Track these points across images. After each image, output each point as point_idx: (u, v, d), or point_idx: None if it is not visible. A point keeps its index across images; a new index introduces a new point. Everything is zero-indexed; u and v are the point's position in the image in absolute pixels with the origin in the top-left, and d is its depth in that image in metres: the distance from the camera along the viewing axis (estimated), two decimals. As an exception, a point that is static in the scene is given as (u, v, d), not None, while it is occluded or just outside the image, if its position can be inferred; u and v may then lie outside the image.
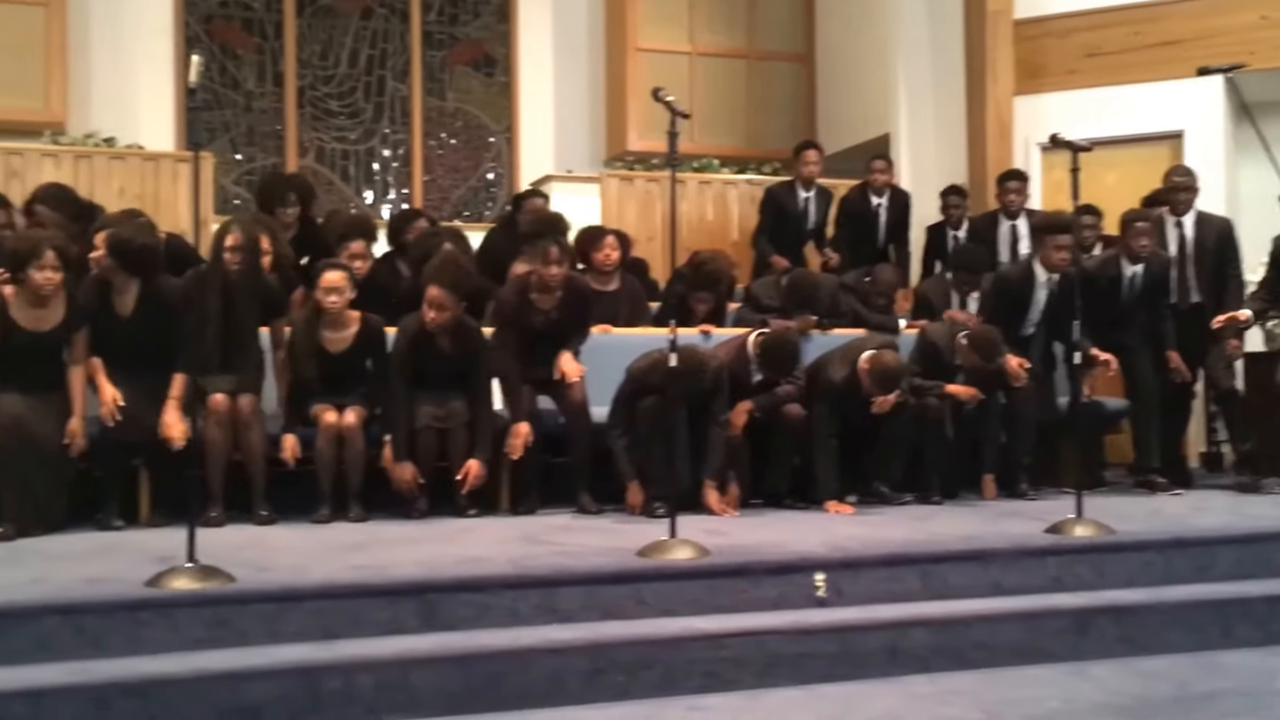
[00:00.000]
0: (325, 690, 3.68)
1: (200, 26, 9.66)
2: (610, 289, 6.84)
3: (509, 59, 10.48)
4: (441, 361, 5.73)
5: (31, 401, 5.14)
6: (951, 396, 6.31)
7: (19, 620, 3.65)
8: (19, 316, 5.20)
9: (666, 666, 3.99)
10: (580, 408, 5.84)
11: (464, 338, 5.76)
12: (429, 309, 5.65)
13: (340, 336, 5.69)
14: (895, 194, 8.57)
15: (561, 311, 5.96)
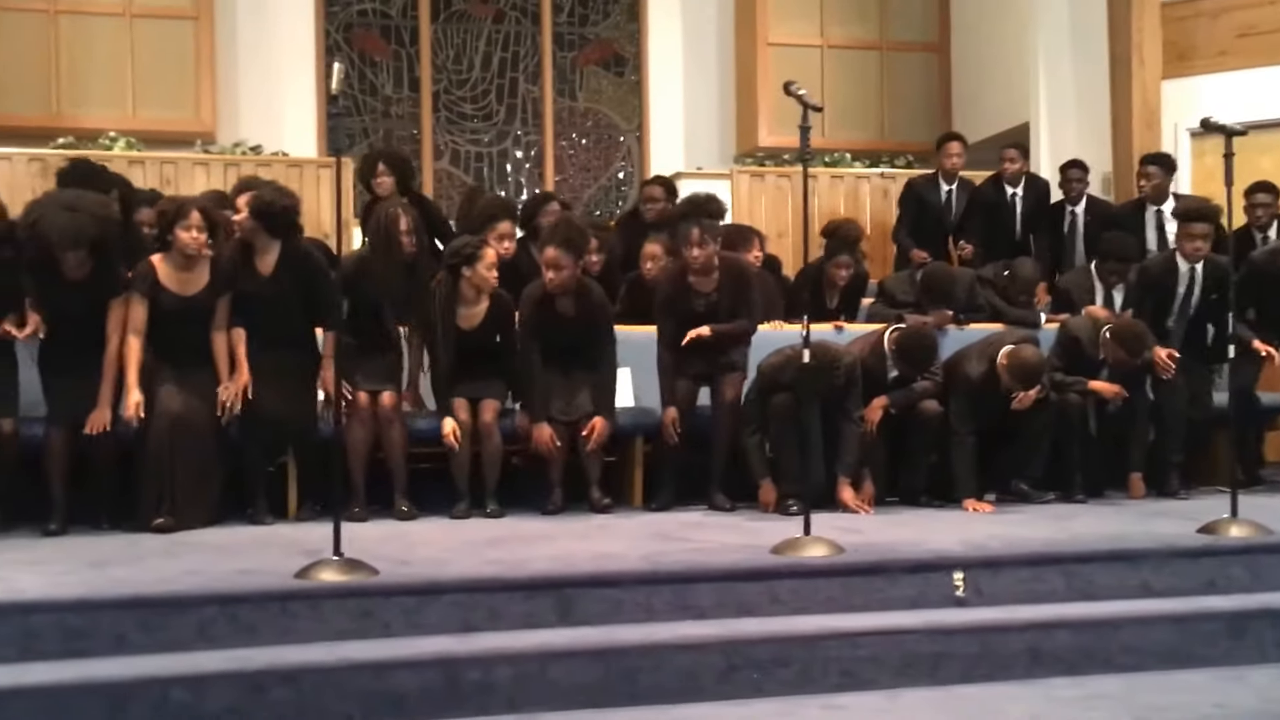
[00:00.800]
0: (465, 681, 3.76)
1: (340, 35, 9.92)
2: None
3: (639, 58, 10.54)
4: (565, 328, 5.74)
5: (185, 387, 5.28)
6: (1095, 393, 6.16)
7: (179, 609, 3.81)
8: (167, 282, 5.35)
9: (802, 664, 3.98)
10: (735, 404, 5.83)
11: (585, 299, 5.78)
12: (547, 270, 5.70)
13: (473, 313, 5.76)
14: (1031, 183, 8.38)
15: (721, 293, 5.90)
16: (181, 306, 5.36)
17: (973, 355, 5.94)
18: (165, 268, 5.38)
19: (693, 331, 5.78)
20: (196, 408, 5.31)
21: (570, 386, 5.77)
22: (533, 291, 5.80)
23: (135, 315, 5.29)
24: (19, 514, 5.31)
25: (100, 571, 4.22)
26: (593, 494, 5.73)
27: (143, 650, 3.74)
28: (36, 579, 4.09)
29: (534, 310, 5.76)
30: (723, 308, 5.88)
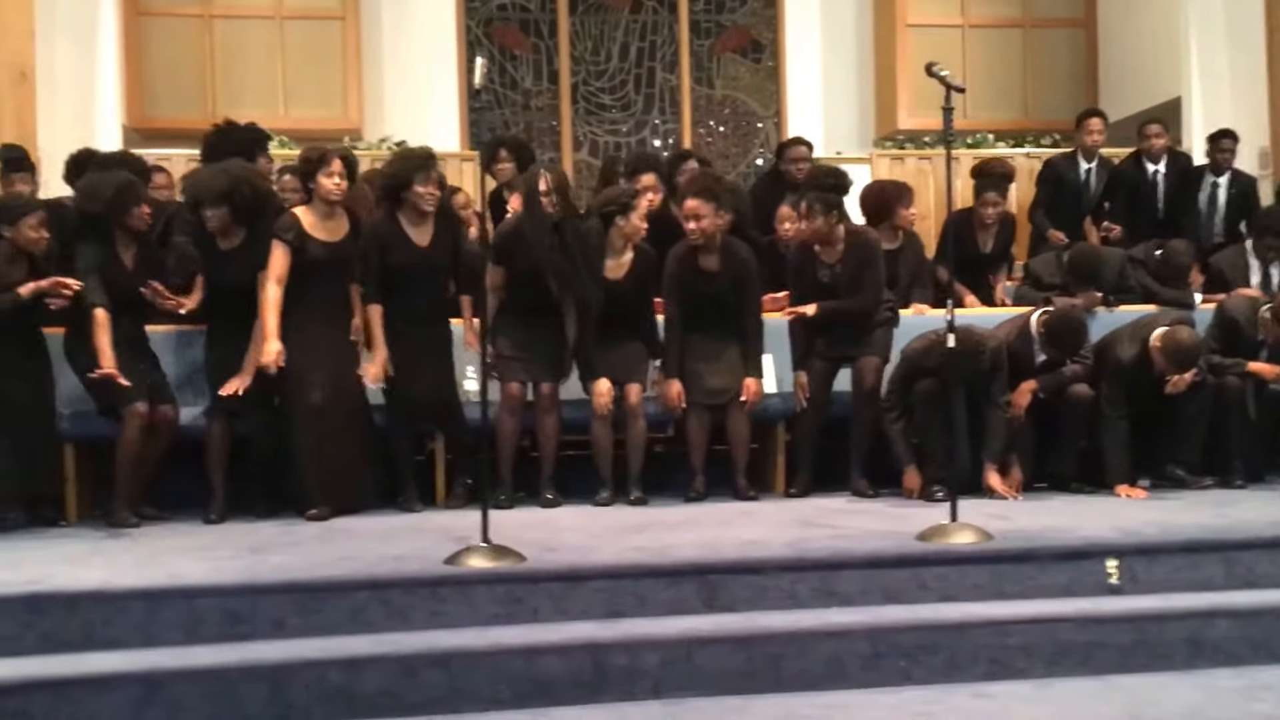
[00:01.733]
0: (612, 667, 3.79)
1: (480, 30, 10.07)
2: (894, 246, 6.59)
3: (775, 43, 10.48)
4: (710, 287, 5.70)
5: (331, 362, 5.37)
6: (1254, 375, 5.93)
7: (334, 594, 3.93)
8: (314, 231, 5.42)
9: (950, 652, 3.92)
10: (874, 388, 5.77)
11: (729, 254, 5.74)
12: (688, 221, 5.67)
13: (619, 264, 5.74)
14: (1175, 159, 8.08)
15: (845, 265, 5.84)
16: (329, 255, 5.42)
17: (1124, 338, 5.78)
18: (310, 217, 5.43)
19: (794, 309, 5.75)
20: (346, 393, 5.42)
21: (713, 366, 5.73)
22: (676, 249, 5.77)
23: (277, 263, 5.32)
24: (178, 502, 5.53)
25: (259, 557, 4.37)
26: (738, 481, 5.72)
27: (300, 634, 3.87)
28: (199, 565, 4.25)
29: (677, 266, 5.73)
30: (844, 280, 5.82)
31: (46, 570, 4.17)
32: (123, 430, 5.24)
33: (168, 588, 3.95)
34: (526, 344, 5.61)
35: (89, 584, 3.98)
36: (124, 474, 5.26)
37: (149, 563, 4.33)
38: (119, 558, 4.45)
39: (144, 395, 5.28)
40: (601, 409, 5.59)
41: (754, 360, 5.74)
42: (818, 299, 5.80)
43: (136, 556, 4.47)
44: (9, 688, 3.50)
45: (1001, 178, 7.23)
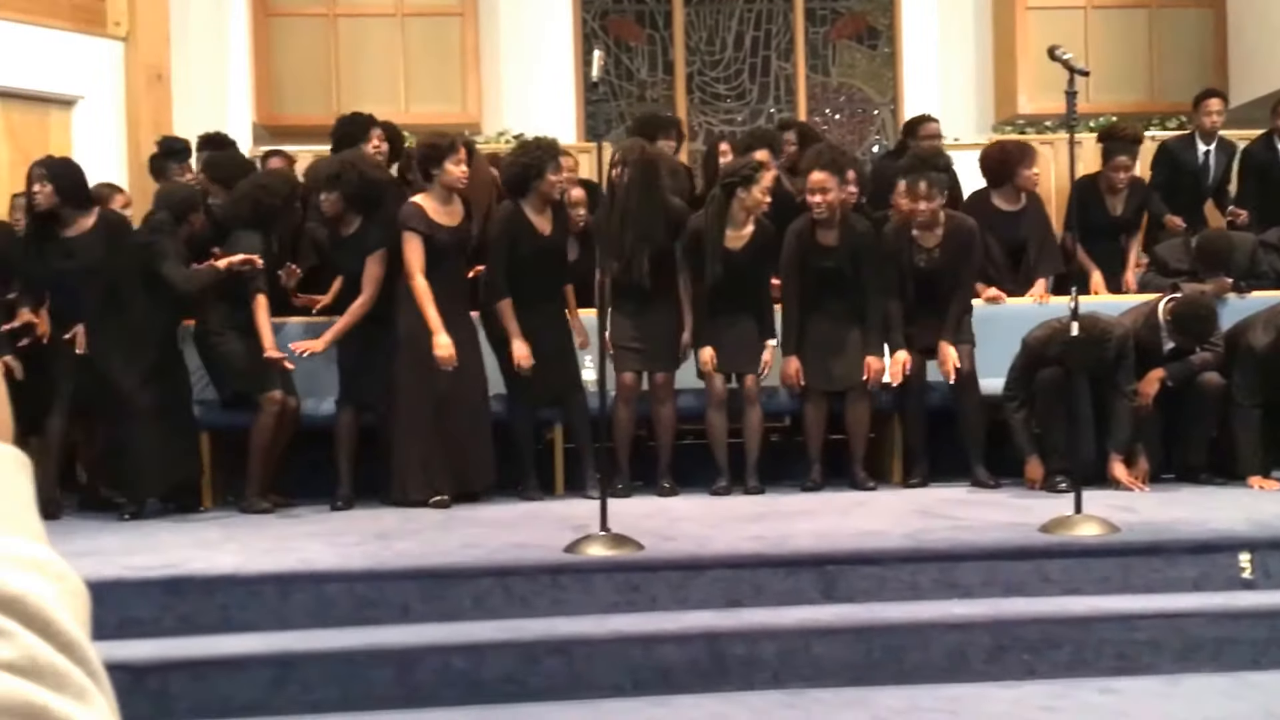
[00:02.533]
0: (730, 656, 3.81)
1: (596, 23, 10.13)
2: (1016, 208, 6.48)
3: (892, 29, 10.35)
4: (829, 262, 5.66)
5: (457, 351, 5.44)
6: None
7: (458, 581, 4.01)
8: (437, 217, 5.49)
9: (1075, 646, 3.86)
10: (968, 377, 5.70)
11: (850, 230, 5.70)
12: (814, 194, 5.61)
13: (739, 235, 5.70)
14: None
15: (945, 252, 5.77)
16: (454, 240, 5.51)
17: (1258, 324, 5.60)
18: (431, 203, 5.50)
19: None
20: (468, 380, 5.50)
21: (832, 353, 5.69)
22: (795, 224, 5.74)
23: (415, 253, 5.39)
24: (303, 489, 5.68)
25: (385, 544, 4.48)
26: (856, 471, 5.69)
27: (425, 619, 3.95)
28: (328, 550, 4.37)
29: (796, 241, 5.70)
30: (944, 266, 5.74)
31: (184, 555, 4.32)
32: (259, 416, 5.40)
33: (298, 572, 4.07)
34: (640, 333, 5.63)
35: (224, 568, 4.11)
36: (257, 460, 5.43)
37: (279, 548, 4.46)
38: (251, 543, 4.59)
39: (280, 384, 5.44)
40: (707, 365, 5.59)
41: (875, 339, 5.68)
42: (913, 284, 5.75)
43: (268, 542, 4.60)
44: (149, 667, 3.64)
45: (1131, 140, 7.04)
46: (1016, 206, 6.42)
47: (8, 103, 7.12)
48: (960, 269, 5.77)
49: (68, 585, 0.56)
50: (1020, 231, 6.45)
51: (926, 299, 5.77)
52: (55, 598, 0.55)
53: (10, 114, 7.15)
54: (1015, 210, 6.42)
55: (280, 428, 5.47)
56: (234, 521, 5.21)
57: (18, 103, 7.15)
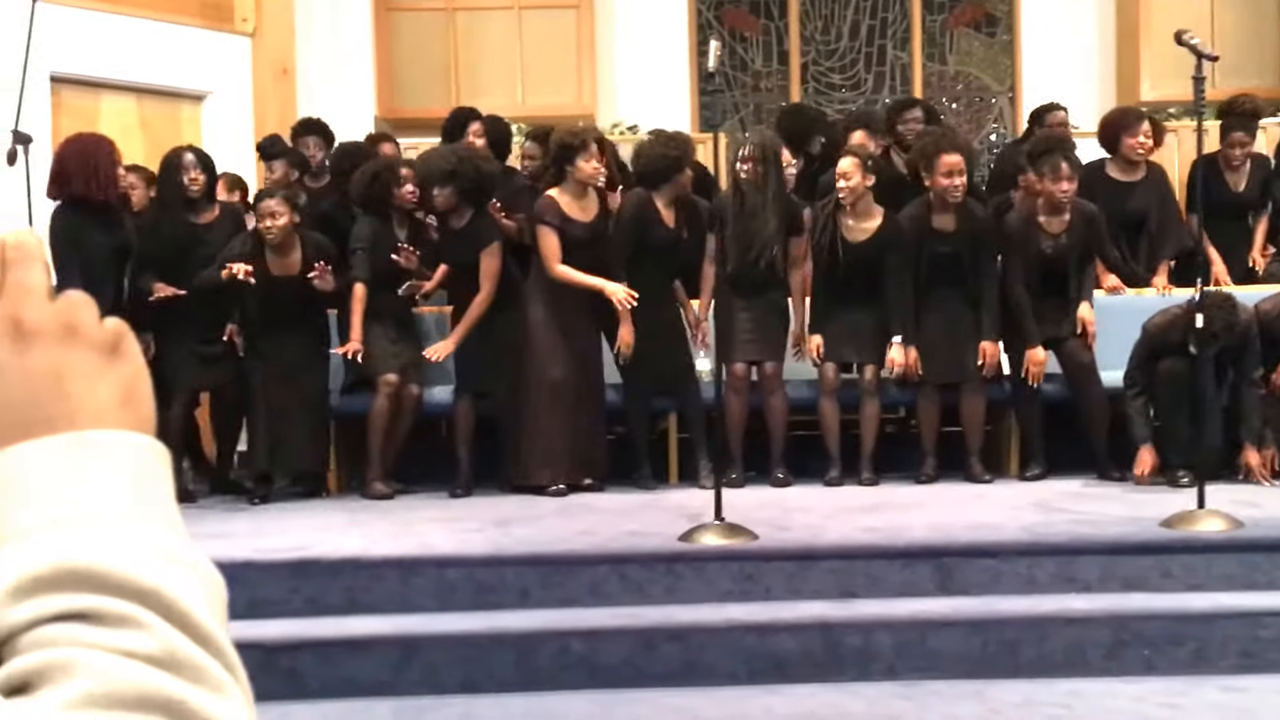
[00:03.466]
0: (845, 646, 3.83)
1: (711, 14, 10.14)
2: (1135, 178, 6.22)
3: (1011, 16, 10.18)
4: (945, 248, 5.59)
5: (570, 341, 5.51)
6: None
7: (576, 567, 4.09)
8: (571, 212, 5.54)
9: (1197, 644, 3.80)
10: (1093, 366, 5.59)
11: (968, 215, 5.62)
12: (950, 178, 5.52)
13: (863, 227, 5.66)
14: None
15: (1071, 236, 5.66)
16: (587, 235, 5.56)
17: None
18: (565, 198, 5.56)
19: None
20: (581, 369, 5.56)
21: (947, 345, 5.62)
22: (910, 210, 5.67)
23: (550, 246, 5.47)
24: (425, 474, 5.81)
25: (503, 530, 4.57)
26: (972, 465, 5.63)
27: (544, 604, 4.04)
28: (448, 536, 4.48)
29: (912, 227, 5.62)
30: (1072, 253, 5.63)
31: (310, 538, 4.47)
32: (374, 400, 5.55)
33: (420, 557, 4.19)
34: (749, 323, 5.65)
35: (349, 552, 4.25)
36: (374, 445, 5.57)
37: (402, 533, 4.58)
38: (374, 527, 4.72)
39: (395, 368, 5.57)
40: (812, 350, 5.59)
41: (992, 323, 5.61)
42: (1039, 270, 5.64)
43: (390, 527, 4.73)
44: (279, 646, 3.78)
45: (1250, 115, 6.79)
46: (1133, 177, 6.17)
47: (141, 98, 7.38)
48: (1090, 256, 5.65)
49: (205, 577, 0.57)
50: (1134, 203, 6.18)
51: (1051, 287, 5.66)
52: (193, 590, 0.55)
53: (144, 108, 7.41)
54: (1130, 181, 6.17)
55: (397, 413, 5.60)
56: (357, 506, 5.35)
57: (150, 97, 7.41)
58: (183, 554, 0.57)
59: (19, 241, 0.60)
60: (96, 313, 0.61)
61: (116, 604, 0.53)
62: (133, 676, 0.52)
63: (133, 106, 7.36)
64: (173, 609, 0.54)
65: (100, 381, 0.59)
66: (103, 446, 0.58)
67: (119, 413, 0.59)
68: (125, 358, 0.61)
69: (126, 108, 7.33)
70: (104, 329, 0.60)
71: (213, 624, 0.55)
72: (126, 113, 7.31)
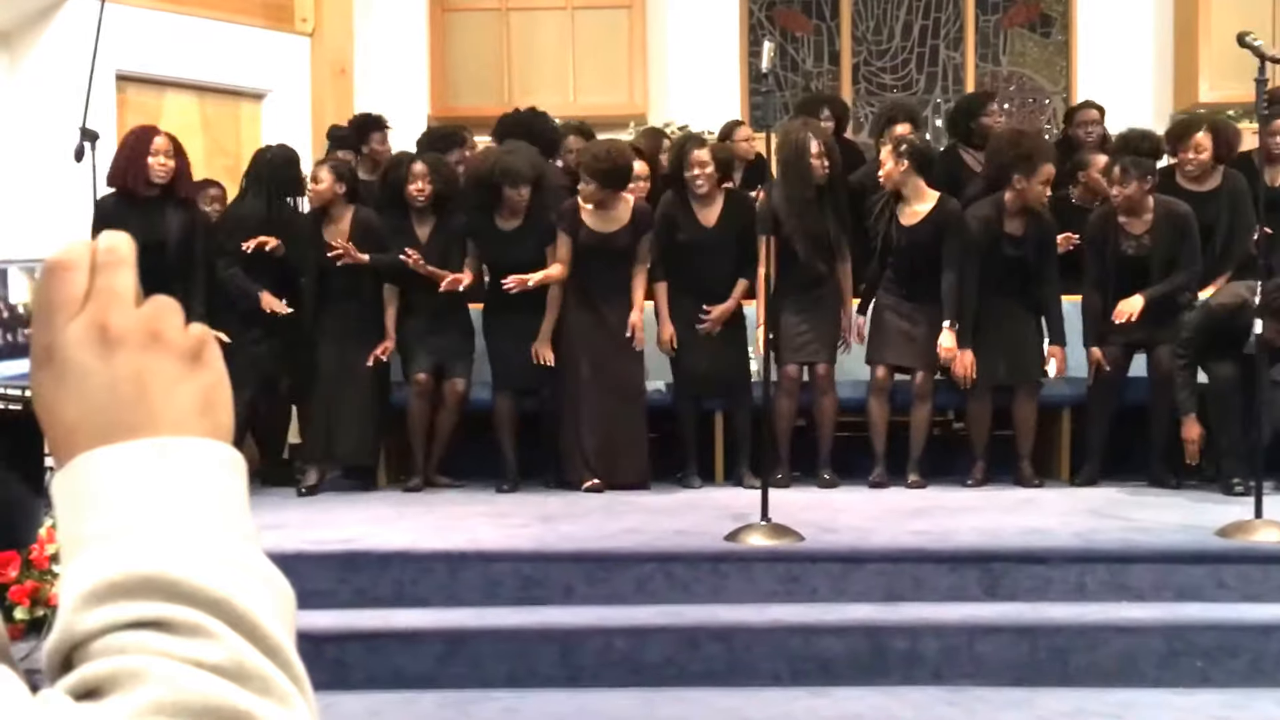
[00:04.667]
0: (891, 650, 3.80)
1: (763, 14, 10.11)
2: (1206, 189, 5.97)
3: (1066, 16, 10.07)
4: (1014, 251, 5.53)
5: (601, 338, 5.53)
6: None
7: (621, 565, 4.09)
8: (588, 219, 5.57)
9: (1253, 655, 3.74)
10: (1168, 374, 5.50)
11: (1035, 219, 5.55)
12: (1045, 186, 5.50)
13: (913, 211, 5.59)
14: None
15: (1155, 236, 5.54)
16: (599, 243, 5.57)
17: None
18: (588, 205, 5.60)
19: (1124, 308, 5.46)
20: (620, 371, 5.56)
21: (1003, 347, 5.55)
22: (977, 208, 5.61)
23: (562, 248, 5.56)
24: (473, 470, 5.83)
25: (549, 526, 4.58)
26: (1022, 468, 5.57)
27: (589, 601, 4.04)
28: (495, 531, 4.49)
29: (981, 227, 5.55)
30: (1156, 254, 5.53)
31: (360, 531, 4.50)
32: (409, 399, 5.61)
33: (467, 551, 4.21)
34: (802, 324, 5.61)
35: (397, 545, 4.27)
36: (415, 442, 5.63)
37: (449, 527, 4.60)
38: (422, 521, 4.75)
39: (427, 366, 5.59)
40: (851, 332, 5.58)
41: (1056, 326, 5.54)
42: (1121, 272, 5.54)
43: (438, 521, 4.75)
44: (327, 637, 3.80)
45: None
46: (1203, 187, 5.95)
47: (202, 95, 7.47)
48: (1176, 259, 5.52)
49: (276, 589, 0.57)
50: (1204, 215, 5.83)
51: (1135, 289, 5.52)
52: (263, 601, 0.56)
53: (205, 107, 7.50)
54: (1200, 191, 5.94)
55: (441, 409, 5.64)
56: (406, 500, 5.39)
57: (211, 96, 7.49)
58: (255, 565, 0.57)
59: (110, 245, 0.61)
60: (181, 319, 0.61)
61: (188, 613, 0.54)
62: (201, 686, 0.52)
63: (194, 105, 7.45)
64: (243, 620, 0.54)
65: (181, 388, 0.59)
66: (181, 454, 0.58)
67: (198, 421, 0.59)
68: (207, 365, 0.61)
69: (189, 106, 7.42)
70: (187, 336, 0.61)
71: (282, 635, 0.55)
72: (188, 110, 7.40)
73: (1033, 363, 5.57)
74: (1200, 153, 5.87)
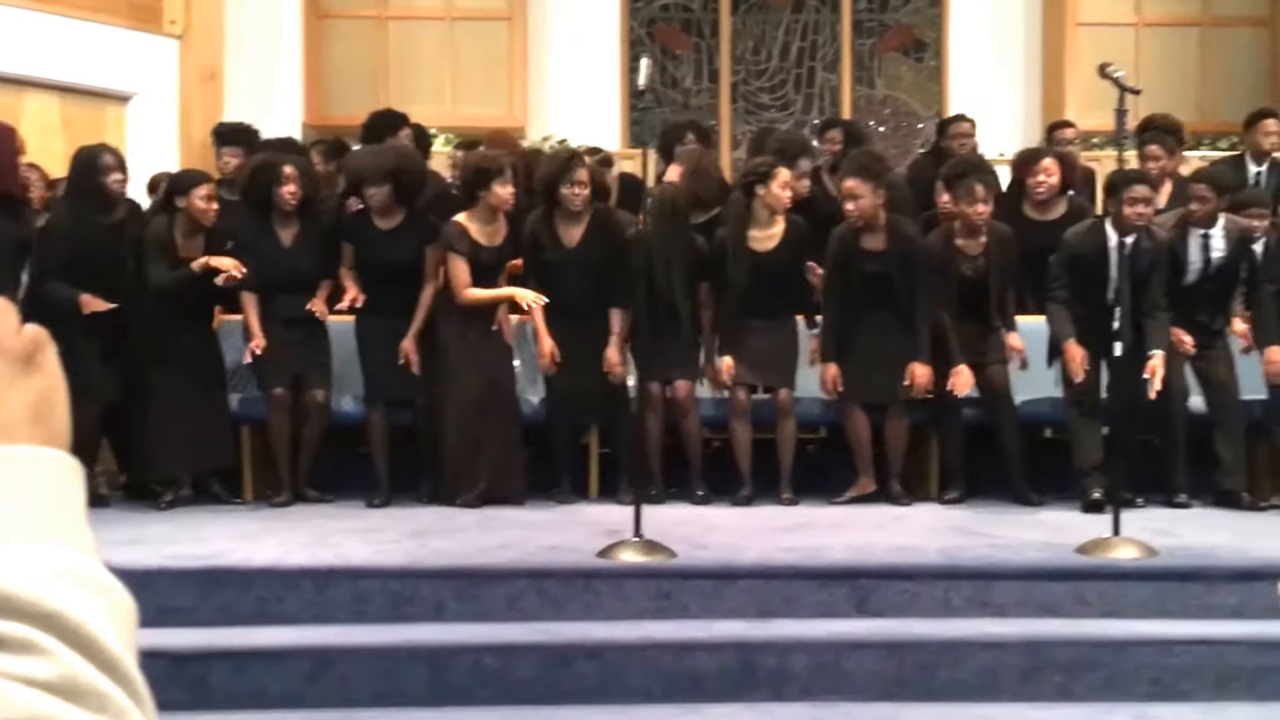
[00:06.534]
0: (761, 667, 3.82)
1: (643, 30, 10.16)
2: (1051, 217, 6.07)
3: (939, 43, 10.32)
4: (874, 267, 5.59)
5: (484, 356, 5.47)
6: None
7: (493, 581, 4.04)
8: (479, 238, 5.51)
9: (1110, 671, 3.84)
10: (1006, 392, 5.65)
11: (897, 233, 5.62)
12: (846, 201, 5.56)
13: (768, 234, 5.66)
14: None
15: (989, 258, 5.67)
16: (495, 259, 5.53)
17: None
18: (473, 224, 5.52)
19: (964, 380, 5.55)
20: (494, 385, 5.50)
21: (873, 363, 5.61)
22: (839, 228, 5.66)
23: (461, 274, 5.44)
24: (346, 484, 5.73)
25: (421, 542, 4.51)
26: (893, 487, 5.65)
27: (459, 618, 3.99)
28: (364, 547, 4.41)
29: (839, 245, 5.61)
30: (991, 275, 5.65)
31: (224, 546, 4.38)
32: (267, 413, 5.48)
33: (336, 567, 4.12)
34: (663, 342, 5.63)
35: (262, 561, 4.17)
36: (278, 457, 5.50)
37: (318, 543, 4.50)
38: (290, 536, 4.64)
39: (285, 380, 5.47)
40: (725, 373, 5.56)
41: (922, 344, 5.60)
42: (959, 292, 5.65)
43: (306, 536, 4.65)
44: (189, 656, 3.69)
45: (1165, 131, 6.74)
46: (1048, 215, 6.06)
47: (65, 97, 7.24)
48: (1007, 280, 5.69)
49: (113, 600, 0.54)
50: (1051, 242, 5.90)
51: (970, 310, 5.68)
52: (99, 613, 0.53)
53: (67, 108, 7.27)
54: (1046, 220, 6.04)
55: (303, 421, 5.51)
56: (274, 515, 5.26)
57: (74, 97, 7.27)
58: (92, 576, 0.54)
59: None
60: (15, 320, 0.57)
61: (17, 628, 0.50)
62: (30, 705, 0.49)
63: (56, 106, 7.21)
64: (77, 634, 0.51)
65: (11, 394, 0.56)
66: (10, 463, 0.55)
67: (30, 427, 0.56)
68: (40, 369, 0.57)
69: (49, 107, 7.18)
70: (19, 338, 0.57)
71: (119, 649, 0.52)
72: (49, 112, 7.17)
73: (898, 381, 5.64)
74: (1049, 176, 6.02)
